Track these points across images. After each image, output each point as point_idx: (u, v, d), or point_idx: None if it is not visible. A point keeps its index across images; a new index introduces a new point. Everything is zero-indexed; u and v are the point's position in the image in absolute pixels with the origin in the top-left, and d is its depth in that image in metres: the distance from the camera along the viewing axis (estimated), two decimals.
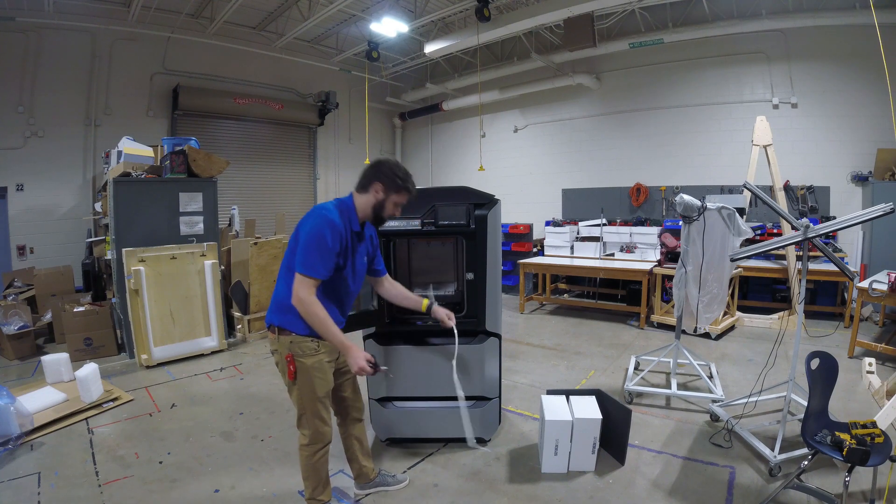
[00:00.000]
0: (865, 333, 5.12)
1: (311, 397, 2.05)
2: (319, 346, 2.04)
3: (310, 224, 1.94)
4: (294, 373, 2.01)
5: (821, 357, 2.27)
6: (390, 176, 2.04)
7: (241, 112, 8.59)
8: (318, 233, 1.90)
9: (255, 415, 3.48)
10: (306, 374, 2.03)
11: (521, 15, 6.88)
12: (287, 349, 2.01)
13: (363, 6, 7.61)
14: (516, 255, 7.72)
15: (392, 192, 2.05)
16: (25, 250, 6.79)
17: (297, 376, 2.02)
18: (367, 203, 2.06)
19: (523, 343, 5.26)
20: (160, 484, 2.60)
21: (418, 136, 11.53)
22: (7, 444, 2.91)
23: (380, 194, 2.04)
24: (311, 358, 2.02)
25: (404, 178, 2.06)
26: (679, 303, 3.65)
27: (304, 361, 2.01)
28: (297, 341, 2.01)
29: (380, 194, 2.04)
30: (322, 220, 1.93)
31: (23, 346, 4.78)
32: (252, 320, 5.53)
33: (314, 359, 2.03)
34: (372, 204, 2.06)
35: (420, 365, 2.85)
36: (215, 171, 5.07)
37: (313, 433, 2.09)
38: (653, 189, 7.83)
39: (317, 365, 2.04)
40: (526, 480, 2.62)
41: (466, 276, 2.80)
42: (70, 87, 7.04)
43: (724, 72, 7.23)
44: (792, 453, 2.59)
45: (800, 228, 2.73)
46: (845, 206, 6.29)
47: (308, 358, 2.02)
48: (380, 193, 2.04)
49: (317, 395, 2.06)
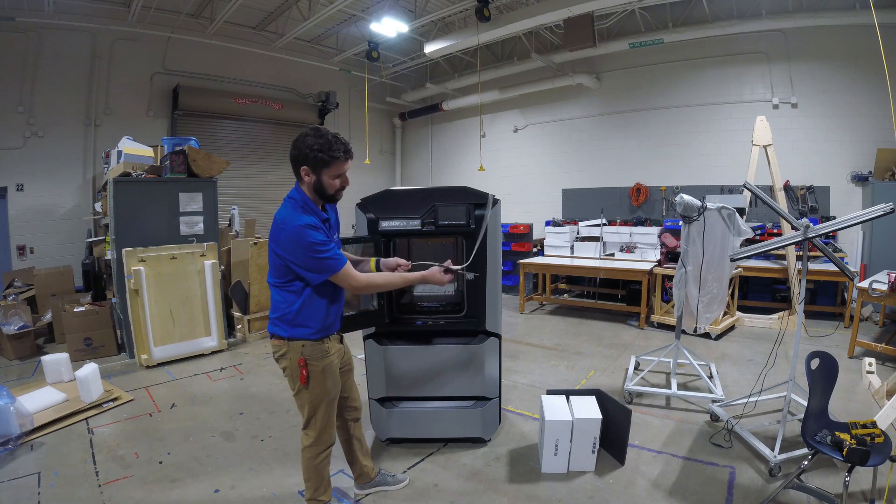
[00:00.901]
0: (865, 333, 5.11)
1: (323, 399, 2.05)
2: (329, 349, 2.04)
3: (287, 240, 1.85)
4: (307, 377, 1.99)
5: (821, 357, 2.27)
6: (309, 154, 1.87)
7: (241, 112, 8.58)
8: (303, 242, 1.84)
9: (255, 415, 3.48)
10: (319, 377, 2.02)
11: (521, 15, 6.88)
12: (299, 353, 1.98)
13: (363, 6, 7.61)
14: (516, 255, 7.72)
15: (321, 168, 1.89)
16: (25, 250, 6.78)
17: (309, 380, 2.00)
18: (308, 189, 1.94)
19: (523, 343, 5.26)
20: (160, 484, 2.60)
21: (418, 136, 11.53)
22: (7, 444, 2.91)
23: (311, 176, 1.91)
24: (323, 361, 2.02)
25: (325, 147, 1.87)
26: (679, 303, 3.65)
27: (317, 365, 2.01)
28: (309, 345, 1.99)
29: (311, 176, 1.91)
30: (296, 230, 1.84)
31: (23, 346, 4.78)
32: (252, 320, 5.52)
33: (326, 361, 2.03)
34: (312, 188, 1.93)
35: (420, 365, 2.85)
36: (215, 171, 5.06)
37: (319, 435, 2.08)
38: (653, 189, 7.83)
39: (328, 367, 2.04)
40: (526, 480, 2.62)
41: (466, 276, 2.80)
42: (70, 87, 7.04)
43: (724, 72, 7.22)
44: (792, 453, 2.59)
45: (800, 228, 2.73)
46: (845, 206, 6.29)
47: (320, 361, 2.01)
48: (310, 175, 1.91)
49: (329, 396, 2.06)
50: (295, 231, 1.84)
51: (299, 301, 1.96)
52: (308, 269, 1.89)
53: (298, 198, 1.94)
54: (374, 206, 2.73)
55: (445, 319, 2.86)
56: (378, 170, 10.99)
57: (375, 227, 2.70)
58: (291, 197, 1.96)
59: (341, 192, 2.01)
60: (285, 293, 1.98)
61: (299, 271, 1.90)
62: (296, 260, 1.87)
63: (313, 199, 1.97)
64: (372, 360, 2.87)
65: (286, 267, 1.92)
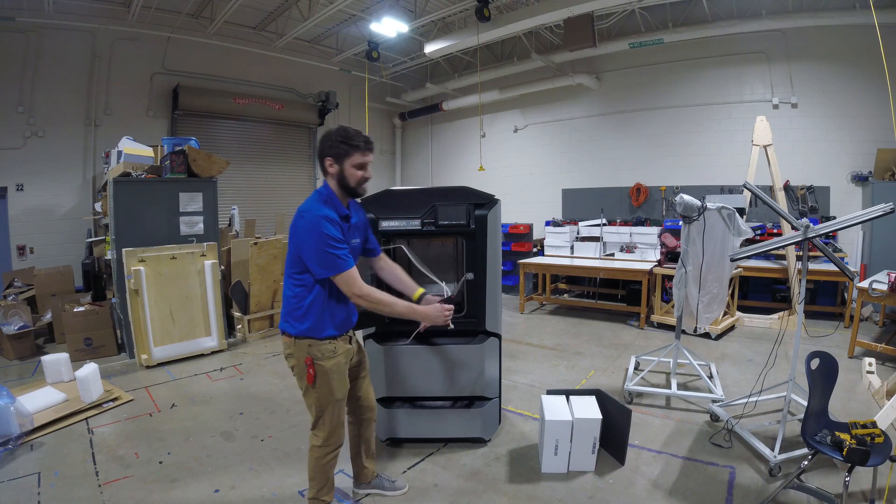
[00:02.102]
0: (865, 333, 5.11)
1: (330, 400, 2.04)
2: (337, 349, 2.04)
3: (304, 228, 1.90)
4: (314, 376, 1.99)
5: (821, 357, 2.27)
6: (332, 145, 1.96)
7: (241, 112, 8.58)
8: (318, 232, 1.88)
9: (255, 415, 3.48)
10: (325, 377, 2.02)
11: (521, 15, 6.88)
12: (306, 353, 2.00)
13: (363, 6, 7.61)
14: (516, 255, 7.71)
15: (343, 159, 1.96)
16: (25, 250, 6.78)
17: (316, 380, 2.00)
18: (333, 182, 2.00)
19: (523, 343, 5.26)
20: (160, 484, 2.59)
21: (418, 136, 11.53)
22: (7, 444, 2.91)
23: (334, 167, 1.97)
24: (329, 360, 2.02)
25: (348, 138, 1.95)
26: (679, 303, 3.65)
27: (324, 364, 2.00)
28: (316, 344, 2.00)
29: (334, 167, 1.97)
30: (314, 219, 1.89)
31: (23, 346, 4.78)
32: (252, 320, 5.53)
33: (333, 361, 2.02)
34: (336, 180, 1.99)
35: (420, 365, 2.85)
36: (215, 171, 5.07)
37: (329, 435, 2.07)
38: (653, 189, 7.83)
39: (335, 367, 2.03)
40: (526, 480, 2.62)
41: (466, 276, 2.80)
42: (70, 87, 7.04)
43: (724, 72, 7.22)
44: (792, 453, 2.59)
45: (800, 228, 2.73)
46: (845, 206, 6.29)
47: (327, 360, 2.01)
48: (334, 166, 1.98)
49: (336, 397, 2.05)
50: (313, 220, 1.89)
51: (309, 298, 1.98)
52: (315, 262, 1.91)
53: (324, 192, 2.01)
54: (373, 206, 2.73)
55: None
56: (378, 170, 11.00)
57: (375, 227, 2.70)
58: (318, 191, 2.03)
59: (364, 186, 2.04)
60: (296, 288, 2.00)
61: (308, 263, 1.93)
62: (307, 249, 1.91)
63: (339, 195, 2.02)
64: (372, 359, 2.86)
65: (298, 257, 1.96)
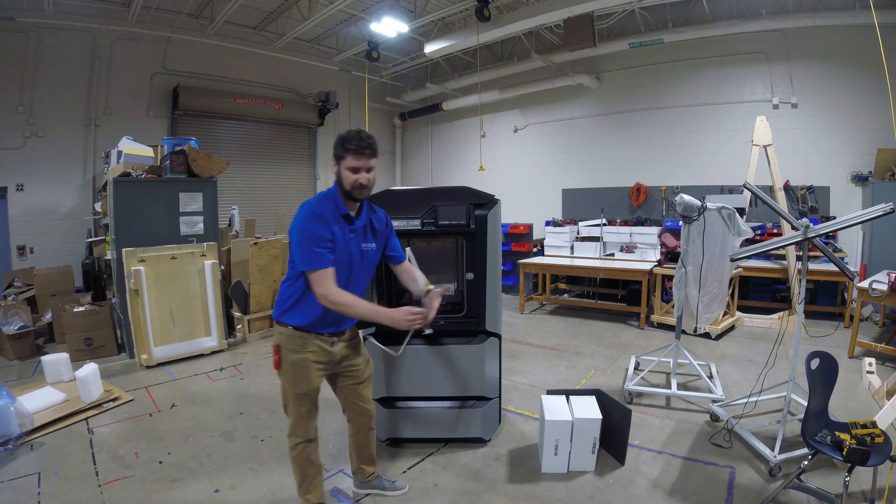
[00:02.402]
0: (865, 333, 5.11)
1: (290, 391, 2.09)
2: (306, 344, 2.04)
3: (295, 220, 1.95)
4: (279, 363, 2.06)
5: (821, 357, 2.27)
6: (335, 146, 2.00)
7: (241, 112, 8.59)
8: (303, 226, 1.91)
9: (255, 415, 3.48)
10: (288, 368, 2.06)
11: (521, 15, 6.88)
12: (276, 339, 2.07)
13: (363, 6, 7.61)
14: (516, 255, 7.71)
15: (339, 161, 1.99)
16: (25, 250, 6.78)
17: (281, 367, 2.07)
18: (337, 184, 2.03)
19: (523, 343, 5.26)
20: (160, 484, 2.59)
21: (418, 136, 11.53)
22: (7, 444, 2.90)
23: (335, 168, 2.01)
24: (294, 354, 2.04)
25: (342, 141, 1.96)
26: (679, 303, 3.65)
27: (288, 355, 2.04)
28: (287, 333, 2.04)
29: (335, 168, 2.01)
30: (303, 214, 1.93)
31: (23, 346, 4.78)
32: (252, 320, 5.52)
33: (298, 355, 2.04)
34: (337, 181, 2.02)
35: (420, 365, 2.85)
36: (215, 171, 5.06)
37: (293, 427, 2.12)
38: (653, 189, 7.83)
39: (299, 361, 2.04)
40: (526, 480, 2.62)
41: (466, 276, 2.80)
42: (70, 87, 7.04)
43: (724, 72, 7.22)
44: (792, 453, 2.59)
45: (800, 228, 2.73)
46: (845, 206, 6.29)
47: (292, 353, 2.04)
48: (335, 167, 2.01)
49: (295, 391, 2.07)
50: (303, 213, 1.94)
51: (293, 287, 2.03)
52: (297, 252, 1.95)
53: (329, 191, 2.05)
54: None
55: (445, 319, 2.85)
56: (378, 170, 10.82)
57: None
58: (327, 190, 2.08)
59: (360, 191, 1.99)
60: (289, 278, 2.05)
61: (292, 251, 1.98)
62: (293, 240, 1.96)
63: (342, 196, 2.03)
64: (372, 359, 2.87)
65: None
